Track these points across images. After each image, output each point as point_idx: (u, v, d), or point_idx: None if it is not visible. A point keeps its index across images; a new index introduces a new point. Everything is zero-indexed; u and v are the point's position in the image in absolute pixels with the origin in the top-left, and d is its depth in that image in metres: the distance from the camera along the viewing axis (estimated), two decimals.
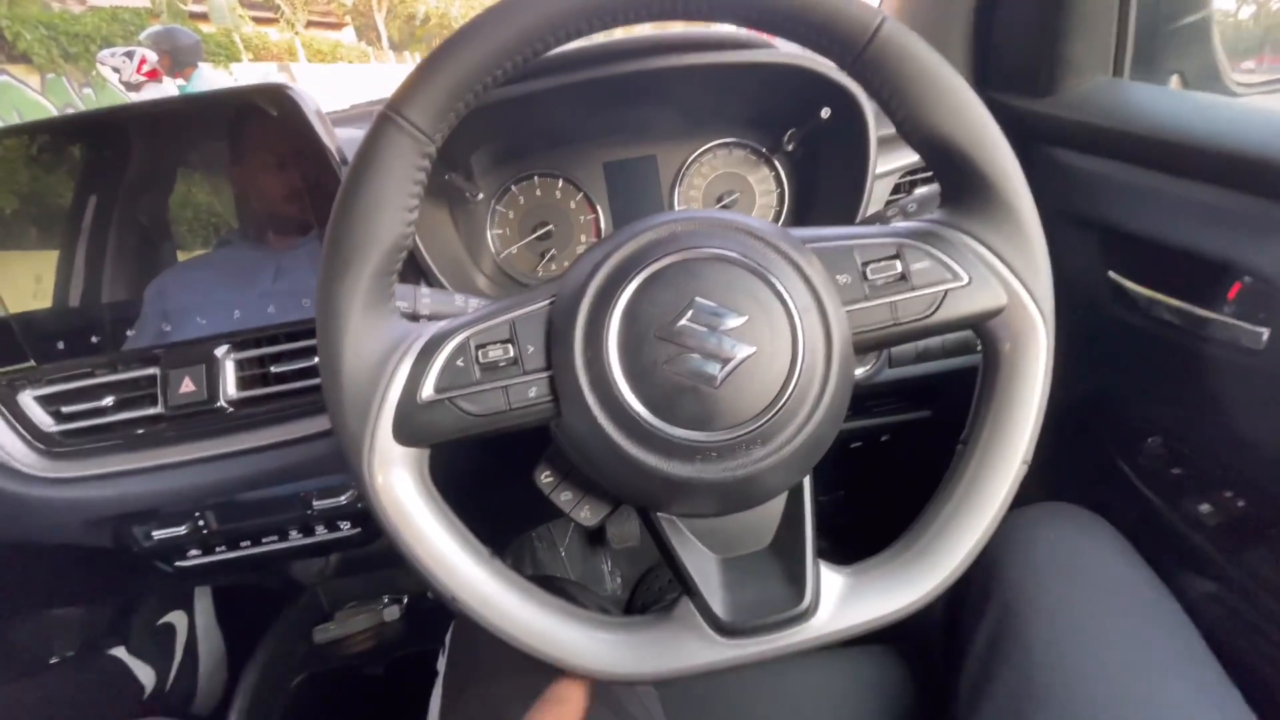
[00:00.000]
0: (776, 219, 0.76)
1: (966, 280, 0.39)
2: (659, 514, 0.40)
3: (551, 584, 0.63)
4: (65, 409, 0.58)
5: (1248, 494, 0.55)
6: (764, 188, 0.76)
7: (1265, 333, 0.49)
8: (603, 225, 0.75)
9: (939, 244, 0.39)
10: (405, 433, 0.37)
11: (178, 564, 0.65)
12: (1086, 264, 0.65)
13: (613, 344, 0.36)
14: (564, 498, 0.45)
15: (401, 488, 0.38)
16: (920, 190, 0.52)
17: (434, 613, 0.88)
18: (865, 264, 0.39)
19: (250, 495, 0.62)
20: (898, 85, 0.37)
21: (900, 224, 0.43)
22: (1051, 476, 0.80)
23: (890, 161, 0.67)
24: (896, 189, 0.70)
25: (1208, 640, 0.48)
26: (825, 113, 0.65)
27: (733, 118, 0.73)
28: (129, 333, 0.59)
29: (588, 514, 0.45)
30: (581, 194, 0.75)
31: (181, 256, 0.62)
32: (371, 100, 0.98)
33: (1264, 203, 0.49)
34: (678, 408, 0.35)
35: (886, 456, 1.01)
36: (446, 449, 0.39)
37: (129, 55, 3.61)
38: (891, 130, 0.65)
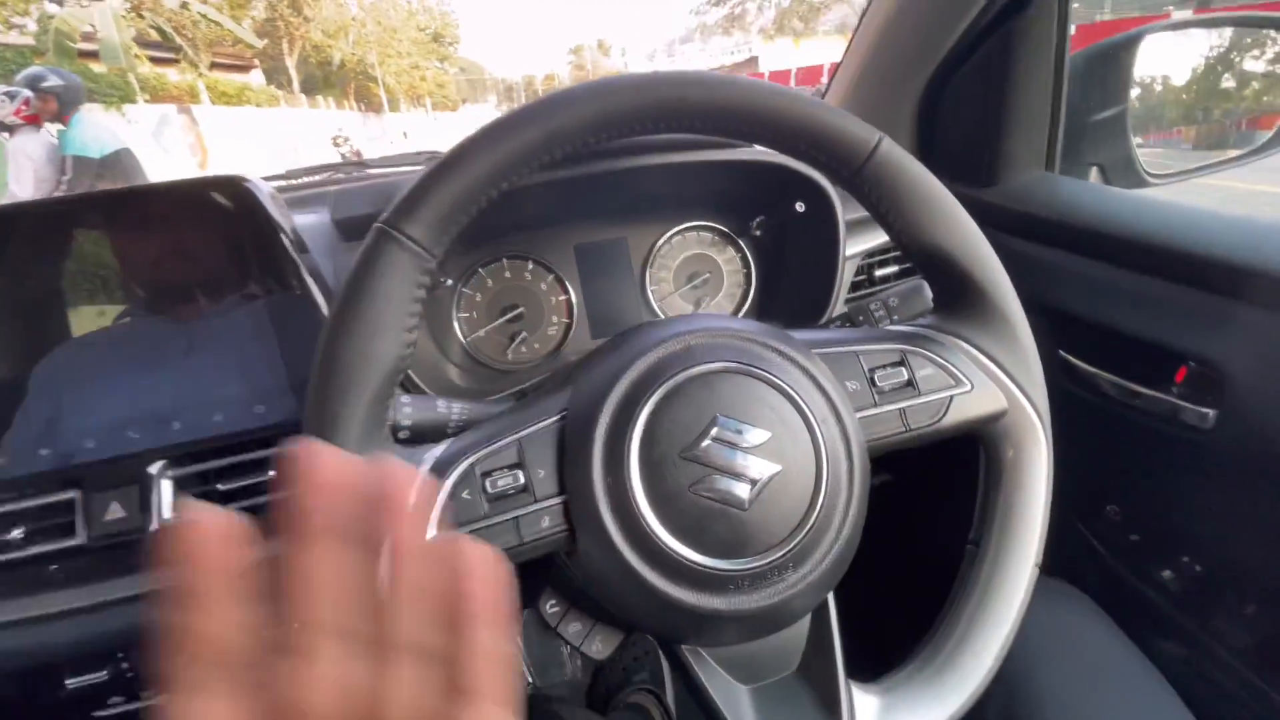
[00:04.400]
0: (744, 299, 0.77)
1: (969, 386, 0.40)
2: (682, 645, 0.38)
3: (545, 709, 0.58)
4: None
5: (1203, 560, 0.59)
6: (731, 268, 0.77)
7: (1212, 414, 0.54)
8: (574, 306, 0.74)
9: (939, 350, 0.41)
10: None
11: (95, 714, 0.55)
12: (1038, 343, 0.70)
13: (635, 467, 0.34)
14: (572, 630, 0.42)
15: None
16: (900, 286, 0.54)
17: None
18: (872, 370, 0.40)
19: None
20: (894, 200, 0.39)
21: (898, 328, 0.44)
22: None
23: (853, 245, 0.70)
24: (859, 270, 0.72)
25: (1185, 703, 0.50)
26: (800, 206, 0.67)
27: (701, 203, 0.74)
28: (41, 450, 0.51)
29: (599, 647, 0.42)
30: (552, 275, 0.73)
31: (94, 346, 0.54)
32: (309, 167, 0.93)
33: (1203, 294, 0.54)
34: (707, 534, 0.34)
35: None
36: None
37: (9, 96, 3.37)
38: (854, 216, 0.69)
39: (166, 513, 0.51)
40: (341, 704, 0.17)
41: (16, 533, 0.49)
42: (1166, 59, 0.89)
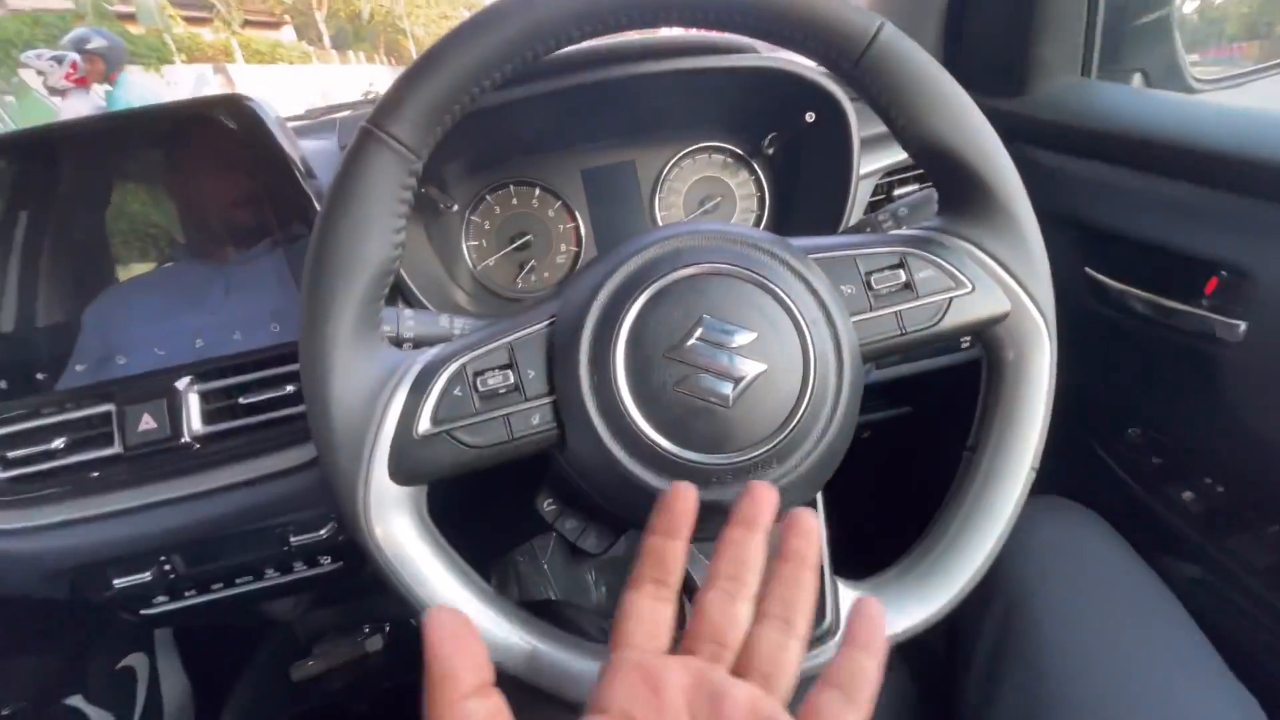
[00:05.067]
0: (758, 223, 0.76)
1: (970, 288, 0.39)
2: None
3: (551, 612, 0.61)
4: (12, 454, 0.53)
5: (1226, 480, 0.57)
6: (744, 191, 0.75)
7: (1242, 325, 0.51)
8: (583, 233, 0.73)
9: (941, 251, 0.40)
10: (402, 471, 0.35)
11: (143, 612, 0.60)
12: (1063, 260, 0.65)
13: (620, 366, 0.35)
14: (569, 526, 0.43)
15: (400, 532, 0.36)
16: (912, 196, 0.52)
17: (419, 641, 0.84)
18: (869, 273, 0.39)
19: (222, 534, 0.58)
20: (896, 92, 0.37)
21: (900, 232, 0.43)
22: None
23: (871, 163, 0.67)
24: (877, 190, 0.70)
25: (1199, 626, 0.49)
26: (810, 116, 0.65)
27: (711, 121, 0.72)
28: (78, 367, 0.54)
29: (594, 541, 0.44)
30: (560, 202, 0.72)
31: (122, 275, 0.58)
32: (329, 105, 0.93)
33: (1239, 199, 0.51)
34: (691, 430, 0.35)
35: (869, 453, 1.02)
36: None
37: (58, 60, 3.44)
38: (872, 132, 0.66)
39: (195, 424, 0.54)
40: (737, 631, 0.28)
41: (59, 442, 0.52)
42: None
